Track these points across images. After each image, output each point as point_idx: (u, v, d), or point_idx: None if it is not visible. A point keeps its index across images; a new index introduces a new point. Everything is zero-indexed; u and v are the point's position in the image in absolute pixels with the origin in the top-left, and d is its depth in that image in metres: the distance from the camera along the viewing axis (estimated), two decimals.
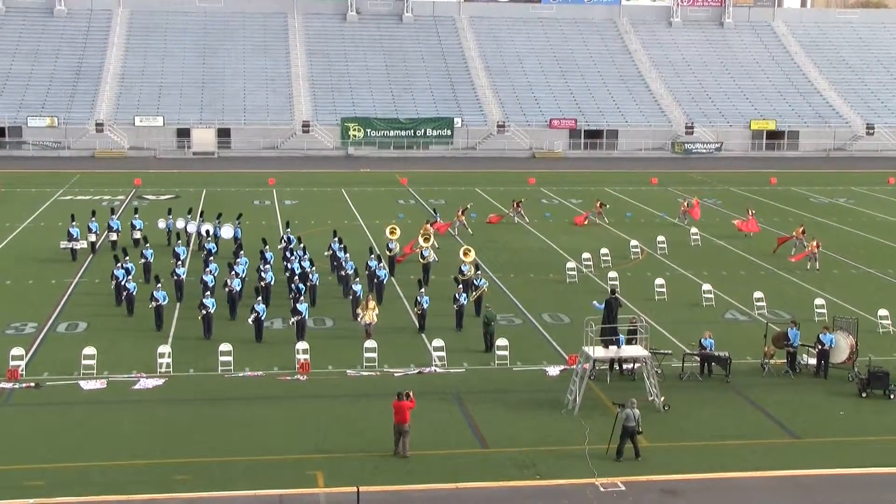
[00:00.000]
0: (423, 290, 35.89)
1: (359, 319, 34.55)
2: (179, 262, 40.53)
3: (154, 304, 34.95)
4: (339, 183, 73.01)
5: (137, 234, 47.75)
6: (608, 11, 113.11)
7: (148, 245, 43.20)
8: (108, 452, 24.55)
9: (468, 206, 57.88)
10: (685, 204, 58.38)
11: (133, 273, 38.37)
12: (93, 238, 47.34)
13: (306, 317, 34.10)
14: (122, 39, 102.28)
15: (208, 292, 35.34)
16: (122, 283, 37.42)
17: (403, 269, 43.95)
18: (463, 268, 39.61)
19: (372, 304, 34.63)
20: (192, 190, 67.54)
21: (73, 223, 46.93)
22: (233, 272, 37.94)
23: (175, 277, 38.93)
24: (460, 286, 37.04)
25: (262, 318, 34.12)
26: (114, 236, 47.79)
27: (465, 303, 36.04)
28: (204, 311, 34.21)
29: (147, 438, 25.54)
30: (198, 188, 68.47)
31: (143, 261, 41.58)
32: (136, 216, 50.02)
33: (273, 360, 31.73)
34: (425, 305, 35.19)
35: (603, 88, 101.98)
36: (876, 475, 24.16)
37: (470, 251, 41.23)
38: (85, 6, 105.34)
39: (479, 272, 39.01)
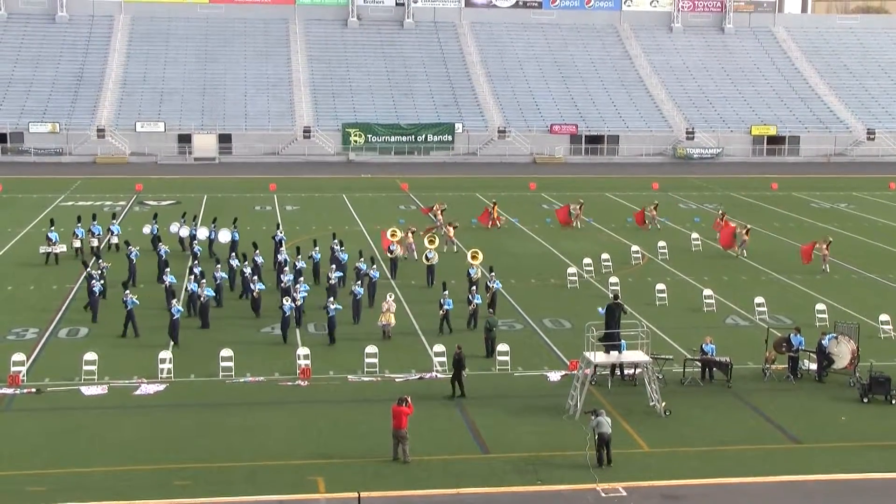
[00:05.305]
0: (446, 292, 36.17)
1: (378, 323, 35.12)
2: (168, 269, 39.81)
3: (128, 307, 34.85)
4: (340, 188, 73.03)
5: (115, 239, 48.61)
6: (609, 17, 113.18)
7: (131, 248, 43.22)
8: (109, 458, 24.56)
9: (444, 206, 57.57)
10: (653, 209, 58.25)
11: (100, 278, 38.32)
12: (95, 242, 47.60)
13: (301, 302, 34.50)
14: (124, 45, 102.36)
15: (174, 300, 35.09)
16: (95, 290, 37.32)
17: (406, 274, 44.00)
18: (470, 270, 39.93)
19: (386, 305, 35.24)
20: (193, 195, 67.55)
21: (52, 227, 47.77)
22: (210, 277, 37.81)
23: (164, 284, 38.58)
24: (474, 287, 37.46)
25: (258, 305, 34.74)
26: (94, 241, 47.78)
27: (479, 303, 36.36)
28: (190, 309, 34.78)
29: (148, 444, 25.55)
30: (199, 194, 68.49)
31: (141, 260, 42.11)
32: (114, 221, 50.57)
33: (274, 366, 31.75)
34: (448, 307, 35.41)
35: (604, 94, 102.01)
36: (877, 480, 24.15)
37: (478, 254, 41.68)
38: (86, 12, 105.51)
39: (492, 273, 39.03)
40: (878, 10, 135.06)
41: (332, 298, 35.10)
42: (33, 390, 29.39)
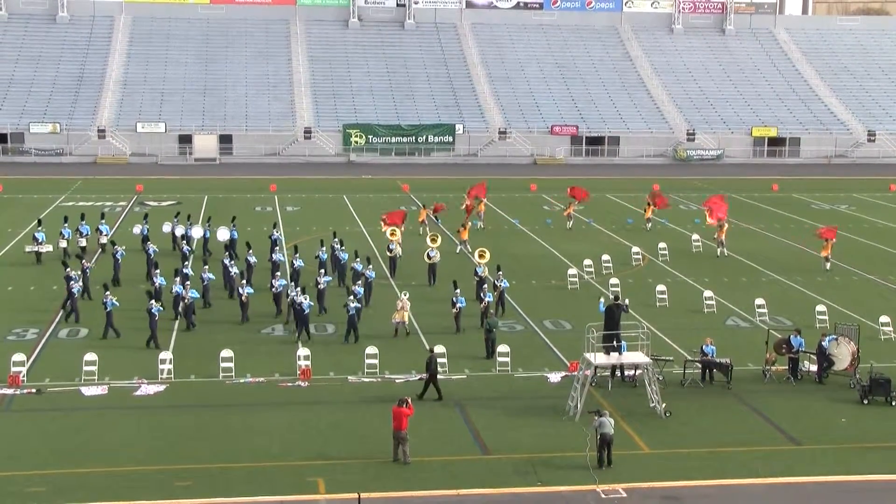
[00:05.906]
0: (458, 290, 36.20)
1: (392, 321, 35.26)
2: (157, 270, 39.72)
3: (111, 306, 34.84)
4: (340, 189, 73.04)
5: (104, 239, 48.68)
6: (610, 18, 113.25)
7: (116, 247, 43.22)
8: (109, 458, 24.56)
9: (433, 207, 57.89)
10: (650, 210, 58.30)
11: (80, 279, 38.36)
12: (83, 242, 47.57)
13: (307, 312, 34.35)
14: (124, 46, 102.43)
15: (152, 300, 35.04)
16: (73, 290, 37.32)
17: (406, 273, 43.99)
18: (478, 269, 40.02)
19: (400, 303, 35.42)
20: (194, 196, 67.56)
21: (39, 227, 48.17)
22: (198, 278, 37.87)
23: (153, 285, 38.38)
24: (485, 285, 37.78)
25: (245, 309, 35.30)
26: (83, 241, 47.74)
27: (490, 300, 36.52)
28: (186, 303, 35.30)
29: (148, 444, 25.55)
30: (199, 194, 68.50)
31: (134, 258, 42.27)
32: (103, 221, 50.74)
33: (274, 367, 31.75)
34: (461, 305, 35.55)
35: (604, 95, 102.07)
36: (877, 482, 24.15)
37: (485, 253, 41.78)
38: (87, 13, 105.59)
39: (500, 272, 39.08)
40: (879, 11, 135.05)
41: (351, 297, 35.20)
42: (33, 391, 29.40)
